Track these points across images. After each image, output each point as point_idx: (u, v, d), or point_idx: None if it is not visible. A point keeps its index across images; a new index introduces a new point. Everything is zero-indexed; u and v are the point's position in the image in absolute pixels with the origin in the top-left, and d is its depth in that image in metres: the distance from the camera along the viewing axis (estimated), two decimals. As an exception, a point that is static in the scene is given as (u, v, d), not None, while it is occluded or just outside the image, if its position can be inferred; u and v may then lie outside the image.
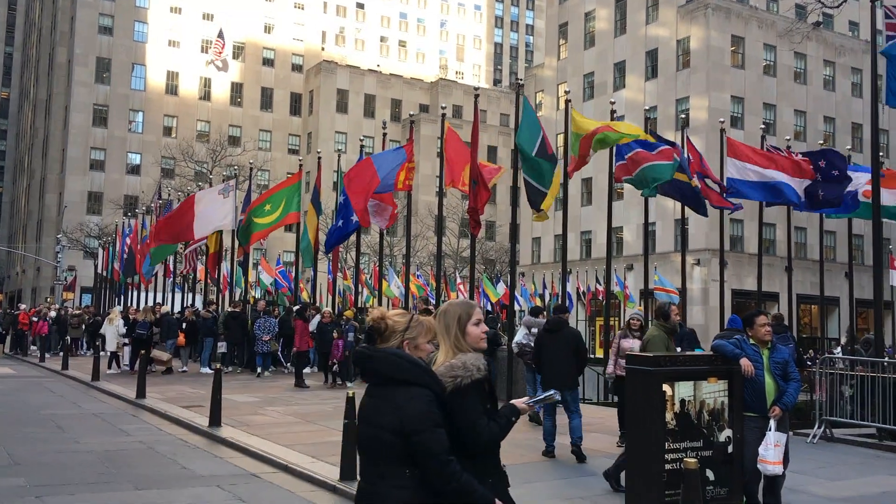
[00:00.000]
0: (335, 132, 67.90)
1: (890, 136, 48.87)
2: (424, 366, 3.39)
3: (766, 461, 6.69)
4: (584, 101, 49.60)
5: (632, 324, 10.97)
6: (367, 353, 3.40)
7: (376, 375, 3.36)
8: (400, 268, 39.24)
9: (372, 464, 3.32)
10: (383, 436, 3.25)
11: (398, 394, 3.27)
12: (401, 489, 3.21)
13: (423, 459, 3.20)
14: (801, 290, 36.80)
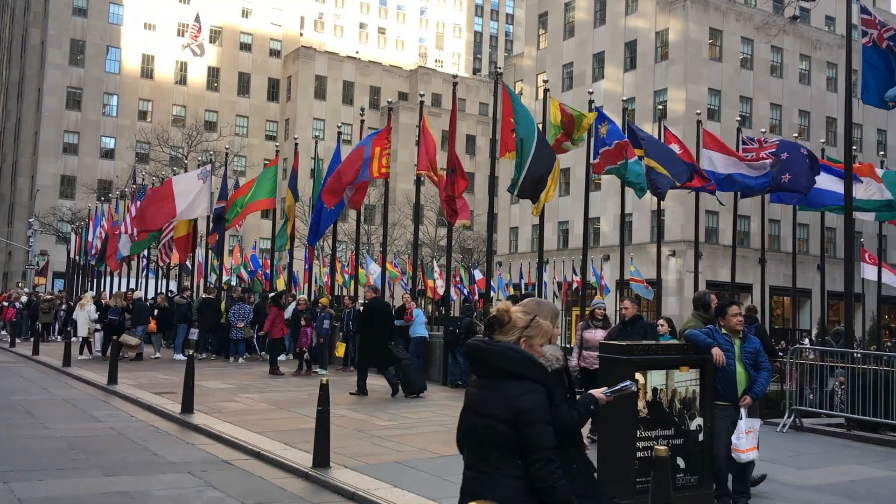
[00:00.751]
0: (313, 119, 67.48)
1: (863, 131, 49.46)
2: (539, 362, 3.49)
3: (738, 449, 6.78)
4: (562, 92, 49.65)
5: (596, 314, 10.58)
6: (483, 346, 3.48)
7: (488, 367, 3.43)
8: (377, 256, 39.13)
9: (483, 454, 3.40)
10: (498, 427, 3.34)
11: (512, 387, 3.36)
12: (515, 479, 3.32)
13: (527, 451, 3.31)
14: (774, 281, 37.14)
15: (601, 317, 10.47)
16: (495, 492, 3.33)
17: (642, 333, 8.91)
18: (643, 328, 9.20)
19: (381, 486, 7.53)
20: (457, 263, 51.10)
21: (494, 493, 3.33)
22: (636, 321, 9.43)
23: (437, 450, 9.32)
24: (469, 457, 3.51)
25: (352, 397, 13.76)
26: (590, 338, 10.29)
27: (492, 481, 3.36)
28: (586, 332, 10.44)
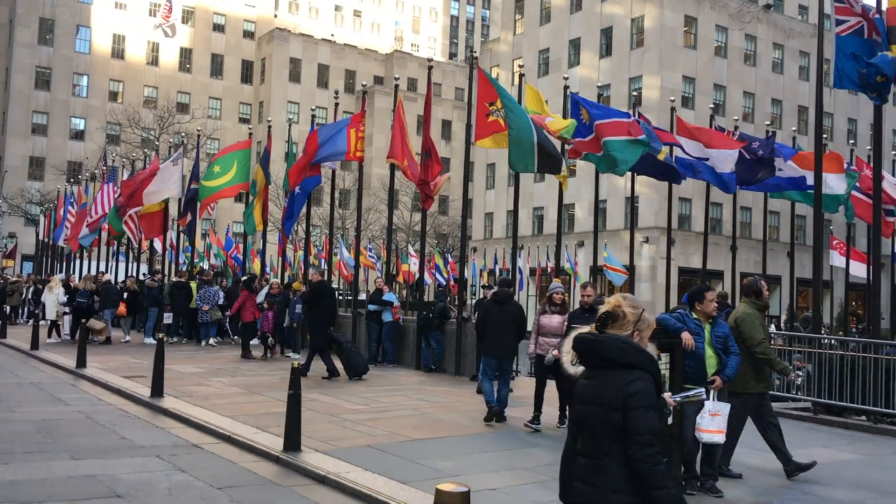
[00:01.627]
0: (287, 102, 66.83)
1: (834, 119, 50.03)
2: (649, 353, 3.67)
3: (701, 429, 6.87)
4: (538, 77, 49.63)
5: (553, 298, 9.93)
6: (593, 339, 3.65)
7: (600, 359, 3.60)
8: (351, 241, 38.99)
9: (597, 441, 3.55)
10: (611, 415, 3.50)
11: (622, 375, 3.54)
12: (624, 465, 3.47)
13: (629, 434, 3.45)
14: (744, 268, 37.54)
15: (559, 301, 9.89)
16: (607, 477, 3.50)
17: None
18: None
19: (352, 469, 7.52)
20: (431, 249, 51.09)
21: (606, 479, 3.50)
22: (597, 307, 9.29)
23: (409, 434, 9.33)
24: (583, 444, 3.67)
25: (324, 381, 13.72)
26: (546, 323, 9.80)
27: (604, 467, 3.52)
28: (543, 317, 9.88)
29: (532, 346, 9.97)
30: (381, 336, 16.83)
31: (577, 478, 3.64)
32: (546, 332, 9.74)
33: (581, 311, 9.46)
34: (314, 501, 6.76)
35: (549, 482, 7.24)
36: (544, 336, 9.77)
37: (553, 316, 9.76)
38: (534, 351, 9.93)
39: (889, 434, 10.58)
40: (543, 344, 9.76)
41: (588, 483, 3.56)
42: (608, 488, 3.47)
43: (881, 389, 10.70)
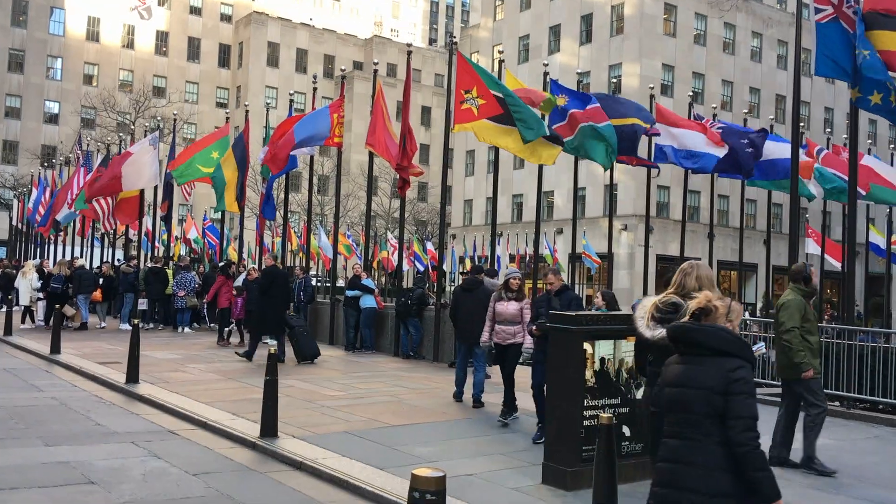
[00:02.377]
0: (265, 86, 66.27)
1: (811, 109, 50.45)
2: (746, 342, 3.93)
3: None
4: (518, 64, 49.56)
5: (510, 284, 9.34)
6: (695, 328, 3.88)
7: (700, 347, 3.82)
8: (330, 227, 38.81)
9: (693, 423, 3.74)
10: (712, 399, 3.70)
11: (725, 363, 3.75)
12: (723, 445, 3.66)
13: (730, 419, 3.66)
14: (721, 256, 37.91)
15: (515, 287, 9.31)
16: (706, 457, 3.68)
17: (566, 305, 8.26)
18: (568, 300, 8.45)
19: (329, 455, 7.50)
20: (411, 235, 51.01)
21: (705, 458, 3.68)
22: (563, 292, 8.58)
23: (386, 420, 9.32)
24: (674, 426, 3.85)
25: (303, 368, 13.67)
26: (502, 310, 9.25)
27: (702, 447, 3.70)
28: (499, 304, 9.32)
29: (486, 333, 9.43)
30: (360, 322, 16.79)
31: (666, 458, 3.83)
32: (503, 319, 9.23)
33: (547, 294, 8.76)
34: (291, 487, 6.73)
35: (526, 468, 7.27)
36: (501, 324, 9.25)
37: (510, 303, 9.24)
38: (489, 340, 9.41)
39: (862, 419, 10.73)
40: (500, 332, 9.26)
41: (682, 462, 3.75)
42: (709, 467, 3.67)
43: (854, 375, 10.84)
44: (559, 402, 6.75)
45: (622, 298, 33.32)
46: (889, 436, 9.78)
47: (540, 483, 6.74)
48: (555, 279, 8.62)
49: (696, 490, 3.67)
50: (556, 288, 8.57)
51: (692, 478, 3.69)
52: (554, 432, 6.79)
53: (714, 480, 3.65)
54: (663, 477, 3.83)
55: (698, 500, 3.66)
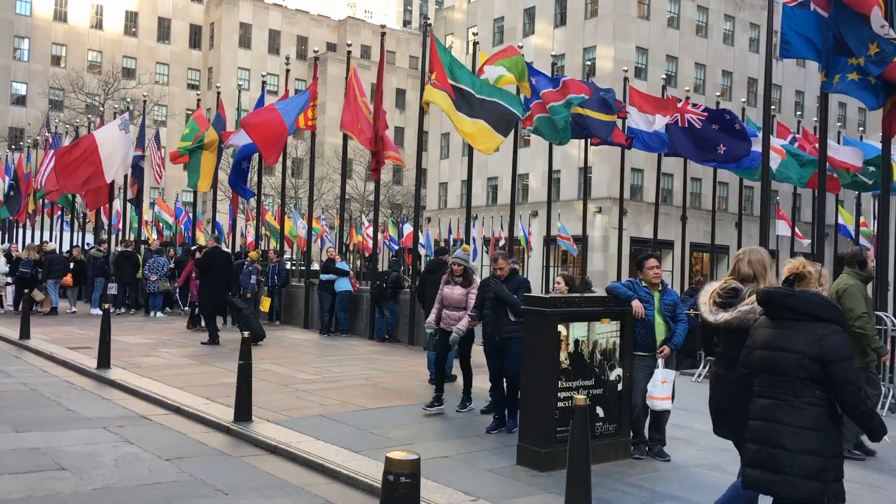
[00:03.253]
0: (238, 68, 65.45)
1: (782, 92, 50.89)
2: (838, 307, 4.19)
3: (653, 397, 6.98)
4: (493, 46, 49.36)
5: (454, 269, 8.88)
6: (789, 293, 4.14)
7: (794, 311, 4.09)
8: (304, 210, 38.56)
9: (784, 384, 4.05)
10: (804, 361, 3.98)
11: (818, 328, 4.01)
12: (813, 405, 3.98)
13: (839, 385, 3.94)
14: (694, 238, 38.23)
15: (458, 273, 8.83)
16: (798, 416, 3.98)
17: (513, 290, 7.95)
18: (516, 284, 8.09)
19: (303, 439, 7.48)
20: (385, 218, 50.87)
21: (794, 418, 3.98)
22: (512, 277, 8.20)
23: (361, 403, 9.31)
24: (764, 387, 4.15)
25: (276, 350, 13.61)
26: (448, 294, 8.83)
27: (793, 407, 4.01)
28: (446, 287, 8.90)
29: (432, 316, 8.99)
30: (334, 306, 16.73)
31: (759, 416, 4.12)
32: (449, 304, 8.85)
33: (492, 278, 8.27)
34: (265, 471, 6.71)
35: (501, 449, 7.31)
36: (447, 308, 8.87)
37: (455, 287, 8.81)
38: (433, 322, 8.95)
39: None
40: (447, 318, 8.85)
41: (773, 420, 4.05)
42: (798, 426, 3.98)
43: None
44: (534, 384, 6.78)
45: (597, 281, 33.53)
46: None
47: (515, 464, 6.79)
48: (504, 264, 8.18)
49: (785, 447, 3.99)
50: (506, 273, 8.17)
51: (782, 435, 4.00)
52: (528, 414, 6.82)
53: (802, 438, 3.95)
54: (755, 434, 4.15)
55: (787, 456, 3.97)
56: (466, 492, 5.98)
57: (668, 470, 6.87)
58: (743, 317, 4.74)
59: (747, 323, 4.63)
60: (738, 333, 4.70)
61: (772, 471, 4.02)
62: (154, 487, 6.12)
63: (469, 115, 13.47)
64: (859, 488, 6.40)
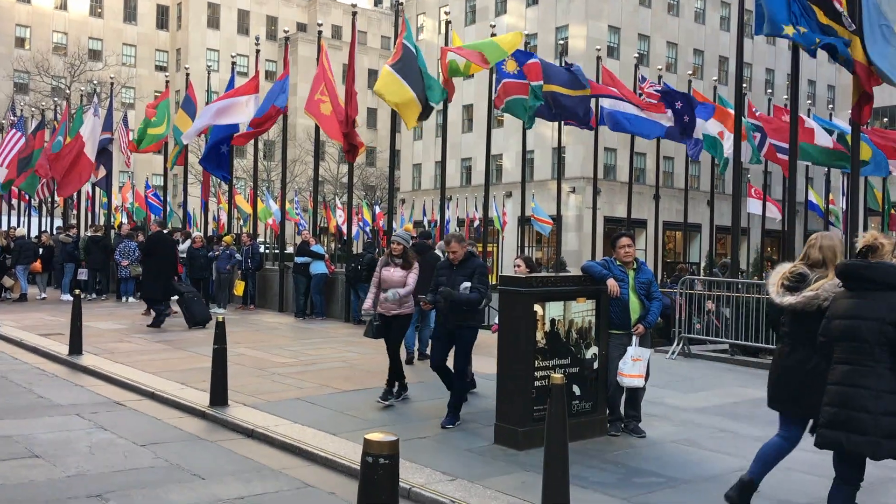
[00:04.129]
0: (206, 49, 64.48)
1: (753, 70, 51.22)
2: None
3: (623, 374, 7.06)
4: (465, 26, 49.15)
5: (393, 248, 8.38)
6: (865, 265, 4.44)
7: (871, 282, 4.39)
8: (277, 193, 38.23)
9: (864, 350, 4.34)
10: (885, 329, 4.27)
11: (892, 297, 4.31)
12: (892, 370, 4.28)
13: None
14: (667, 217, 38.46)
15: (398, 253, 8.31)
16: (876, 381, 4.28)
17: (469, 273, 7.54)
18: (471, 268, 7.61)
19: (280, 422, 7.45)
20: (359, 200, 50.63)
21: (875, 382, 4.28)
22: (467, 261, 7.70)
23: (338, 385, 9.29)
24: (845, 353, 4.43)
25: (251, 335, 13.53)
26: (388, 277, 8.29)
27: (874, 372, 4.29)
28: (385, 270, 8.35)
29: (369, 300, 8.44)
30: (309, 288, 16.65)
31: (839, 381, 4.42)
32: (388, 286, 8.26)
33: (448, 263, 7.80)
34: (242, 455, 6.68)
35: (479, 429, 7.34)
36: (385, 292, 8.27)
37: (395, 269, 8.28)
38: (371, 307, 8.39)
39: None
40: (385, 301, 8.29)
41: (853, 385, 4.34)
42: (879, 389, 4.26)
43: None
44: (511, 364, 6.80)
45: (571, 260, 33.71)
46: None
47: (492, 443, 6.82)
48: (457, 247, 7.63)
49: (865, 409, 4.26)
50: (460, 257, 7.64)
51: (863, 399, 4.28)
52: (506, 393, 6.84)
53: (883, 402, 4.24)
54: (834, 398, 4.43)
55: (868, 418, 4.26)
56: (445, 471, 6.00)
57: (644, 446, 6.94)
58: (807, 301, 4.92)
59: (811, 307, 4.89)
60: (802, 317, 4.96)
61: (854, 432, 4.31)
62: (129, 473, 6.07)
63: (406, 81, 13.57)
64: None
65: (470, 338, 7.67)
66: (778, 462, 5.28)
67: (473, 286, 7.50)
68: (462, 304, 7.49)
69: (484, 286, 7.62)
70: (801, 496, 5.71)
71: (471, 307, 7.54)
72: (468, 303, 7.49)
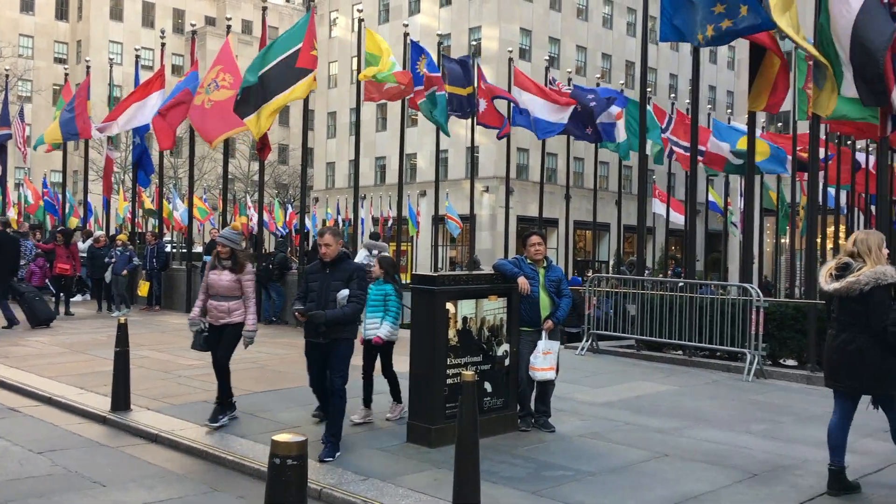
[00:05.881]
0: (109, 41, 62.06)
1: (658, 75, 52.91)
2: None
3: (535, 368, 7.21)
4: (378, 24, 48.94)
5: (220, 251, 7.36)
6: None
7: None
8: (185, 191, 37.17)
9: None
10: None
11: None
12: None
13: None
14: (577, 216, 39.29)
15: (225, 255, 7.34)
16: None
17: (346, 278, 6.57)
18: (347, 272, 6.61)
19: (186, 426, 7.25)
20: (272, 199, 49.77)
21: None
22: (340, 262, 6.68)
23: (248, 387, 9.11)
24: None
25: (156, 337, 13.12)
26: (215, 282, 7.31)
27: None
28: (212, 274, 7.37)
29: (196, 309, 7.48)
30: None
31: None
32: (216, 292, 7.33)
33: (321, 264, 6.76)
34: (146, 461, 6.47)
35: (391, 428, 7.33)
36: (214, 299, 7.35)
37: (224, 273, 7.31)
38: (197, 316, 7.45)
39: (702, 366, 11.54)
40: (213, 309, 7.35)
41: None
42: None
43: (695, 326, 11.60)
44: (423, 362, 6.82)
45: (485, 259, 34.04)
46: (725, 380, 10.58)
47: (405, 442, 6.82)
48: (331, 240, 6.65)
49: None
50: (332, 255, 6.66)
51: None
52: (418, 391, 6.86)
53: None
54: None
55: None
56: (356, 471, 5.96)
57: (553, 440, 7.08)
58: (849, 286, 5.54)
59: (853, 291, 5.51)
60: (847, 301, 5.62)
61: None
62: (25, 482, 5.79)
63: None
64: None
65: (345, 351, 6.62)
66: (846, 437, 5.78)
67: (352, 294, 6.54)
68: (338, 322, 6.50)
69: (364, 293, 6.76)
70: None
71: (347, 322, 6.60)
72: (344, 319, 6.52)
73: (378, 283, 7.56)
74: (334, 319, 6.49)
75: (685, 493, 5.66)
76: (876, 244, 5.68)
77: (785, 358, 11.54)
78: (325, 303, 6.56)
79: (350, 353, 6.70)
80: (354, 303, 6.58)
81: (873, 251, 5.62)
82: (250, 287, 7.37)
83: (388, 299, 7.46)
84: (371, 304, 7.40)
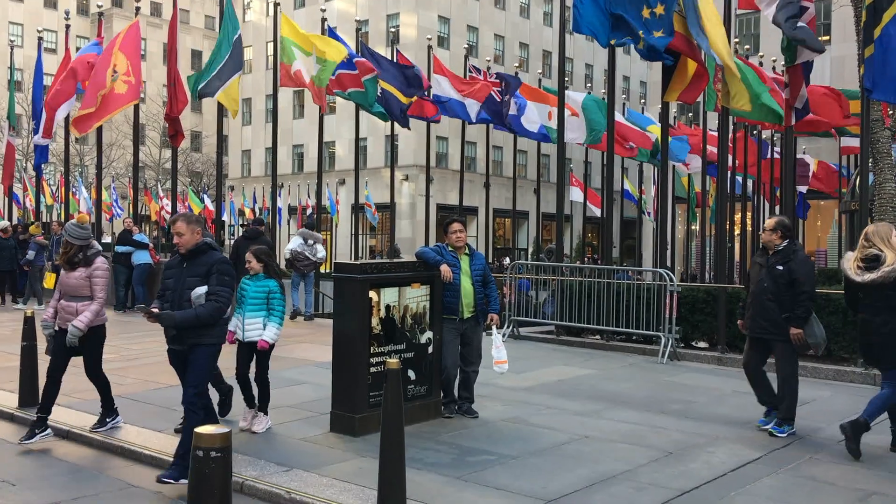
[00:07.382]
0: (8, 23, 58.99)
1: (574, 64, 53.82)
2: None
3: (498, 362, 7.46)
4: (294, 10, 48.11)
5: (64, 250, 6.73)
6: None
7: None
8: (92, 179, 35.77)
9: None
10: None
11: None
12: None
13: None
14: (497, 204, 39.74)
15: (67, 251, 6.67)
16: None
17: (204, 273, 5.66)
18: (207, 265, 5.70)
19: (100, 422, 7.00)
20: (185, 187, 48.45)
21: None
22: (201, 255, 5.76)
23: (164, 380, 8.85)
24: None
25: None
26: (65, 279, 6.67)
27: None
28: (63, 271, 6.73)
29: (49, 311, 6.77)
30: (131, 279, 15.76)
31: None
32: (66, 292, 6.67)
33: (180, 257, 5.87)
34: (57, 458, 6.22)
35: (315, 418, 7.26)
36: (67, 300, 6.65)
37: (73, 271, 6.64)
38: (50, 318, 6.72)
39: (619, 350, 11.85)
40: (61, 310, 6.67)
41: None
42: None
43: (613, 310, 11.90)
44: (346, 351, 6.77)
45: (405, 247, 34.04)
46: (641, 363, 10.90)
47: (328, 431, 6.77)
48: (184, 228, 5.73)
49: None
50: (188, 245, 5.75)
51: None
52: (341, 380, 6.81)
53: None
54: None
55: None
56: (279, 462, 5.89)
57: (477, 426, 7.15)
58: (886, 275, 6.11)
59: (889, 279, 6.08)
60: (883, 288, 6.17)
61: None
62: (-76, 487, 5.48)
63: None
64: None
65: (203, 360, 5.70)
66: (886, 408, 6.38)
67: (211, 291, 5.65)
68: (190, 325, 5.62)
69: (226, 290, 5.70)
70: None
71: (203, 325, 5.65)
72: (197, 322, 5.60)
73: (258, 278, 6.82)
74: (184, 322, 5.58)
75: (605, 472, 5.82)
76: (885, 235, 6.23)
77: (697, 340, 11.96)
78: (181, 302, 5.66)
79: (210, 362, 5.79)
80: (213, 301, 5.60)
81: (892, 241, 6.20)
82: (99, 285, 6.60)
83: (273, 297, 6.73)
84: (251, 303, 6.73)
